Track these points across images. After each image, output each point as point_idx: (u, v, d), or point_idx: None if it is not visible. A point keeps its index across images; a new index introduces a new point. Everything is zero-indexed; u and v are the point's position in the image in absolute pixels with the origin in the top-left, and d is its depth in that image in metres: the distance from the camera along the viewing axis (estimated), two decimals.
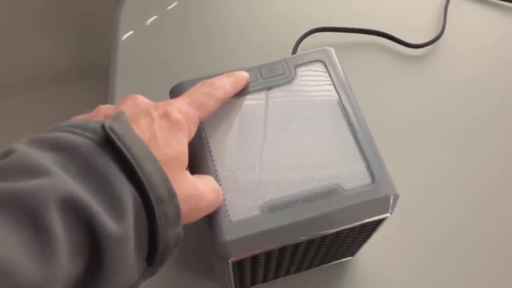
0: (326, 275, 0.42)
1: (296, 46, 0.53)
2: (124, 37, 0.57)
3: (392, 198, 0.29)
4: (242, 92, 0.33)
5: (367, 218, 0.29)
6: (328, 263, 0.41)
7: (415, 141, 0.49)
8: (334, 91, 0.33)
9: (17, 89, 1.24)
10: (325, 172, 0.30)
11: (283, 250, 0.30)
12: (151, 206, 0.23)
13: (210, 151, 0.31)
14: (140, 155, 0.23)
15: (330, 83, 0.33)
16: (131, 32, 0.58)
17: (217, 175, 0.30)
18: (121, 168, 0.23)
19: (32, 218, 0.19)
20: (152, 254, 0.24)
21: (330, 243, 0.32)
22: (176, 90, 0.33)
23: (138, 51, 0.56)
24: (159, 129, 0.26)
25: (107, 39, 0.60)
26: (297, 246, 0.30)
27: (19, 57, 1.19)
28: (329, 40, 0.56)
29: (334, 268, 0.42)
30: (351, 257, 0.42)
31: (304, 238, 0.29)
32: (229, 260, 0.28)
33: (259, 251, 0.28)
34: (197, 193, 0.27)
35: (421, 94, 0.52)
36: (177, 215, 0.24)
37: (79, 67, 1.23)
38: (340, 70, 0.34)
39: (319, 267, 0.41)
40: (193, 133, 0.29)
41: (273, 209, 0.29)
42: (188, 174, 0.27)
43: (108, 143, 0.23)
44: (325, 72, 0.34)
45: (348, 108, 0.32)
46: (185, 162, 0.27)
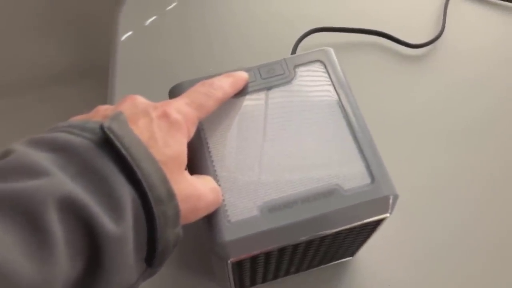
0: (325, 275, 0.42)
1: (296, 46, 0.53)
2: (123, 37, 0.57)
3: (391, 198, 0.29)
4: (241, 92, 0.33)
5: (366, 218, 0.29)
6: (328, 263, 0.41)
7: (415, 141, 0.49)
8: (334, 91, 0.33)
9: (16, 89, 1.24)
10: (324, 172, 0.30)
11: (282, 251, 0.30)
12: (150, 206, 0.23)
13: (209, 151, 0.31)
14: (139, 155, 0.23)
15: (330, 83, 0.33)
16: (130, 33, 0.57)
17: (216, 176, 0.30)
18: (119, 169, 0.23)
19: (30, 218, 0.19)
20: (151, 255, 0.24)
21: (330, 243, 0.32)
22: (175, 90, 0.33)
23: (137, 51, 0.56)
24: (158, 129, 0.26)
25: (107, 39, 0.60)
26: (296, 246, 0.30)
27: (18, 57, 1.19)
28: (328, 40, 0.56)
29: (334, 268, 0.42)
30: (350, 257, 0.42)
31: (304, 238, 0.29)
32: (229, 261, 0.28)
33: (258, 251, 0.28)
34: (196, 194, 0.27)
35: (420, 94, 0.52)
36: (176, 215, 0.24)
37: (78, 67, 1.23)
38: (340, 70, 0.34)
39: (318, 267, 0.41)
40: (192, 133, 0.28)
41: (272, 209, 0.28)
42: (187, 175, 0.27)
43: (107, 144, 0.23)
44: (324, 72, 0.34)
45: (348, 108, 0.32)
46: (184, 162, 0.27)
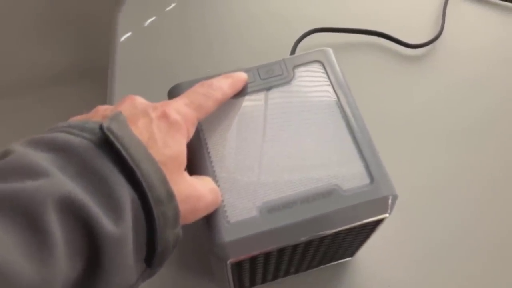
0: (325, 275, 0.42)
1: (295, 47, 0.53)
2: (122, 38, 0.57)
3: (390, 198, 0.29)
4: (240, 93, 0.33)
5: (366, 219, 0.29)
6: (327, 263, 0.41)
7: (414, 141, 0.49)
8: (333, 91, 0.33)
9: (16, 89, 1.24)
10: (323, 173, 0.30)
11: (281, 251, 0.30)
12: (149, 207, 0.23)
13: (209, 152, 0.31)
14: (138, 156, 0.23)
15: (328, 84, 0.33)
16: (129, 34, 0.58)
17: (215, 176, 0.30)
18: (119, 169, 0.23)
19: (30, 219, 0.19)
20: (151, 255, 0.24)
21: (329, 244, 0.32)
22: (174, 91, 0.33)
23: (136, 52, 0.56)
24: (157, 130, 0.26)
25: (106, 40, 0.60)
26: (296, 247, 0.30)
27: (18, 58, 1.19)
28: (327, 40, 0.56)
29: (334, 268, 0.42)
30: (350, 258, 0.42)
31: (303, 239, 0.29)
32: (228, 261, 0.28)
33: (257, 252, 0.28)
34: (195, 194, 0.27)
35: (420, 94, 0.52)
36: (176, 216, 0.24)
37: (78, 68, 1.23)
38: (338, 70, 0.34)
39: (318, 267, 0.41)
40: (192, 134, 0.28)
41: (271, 210, 0.28)
42: (186, 175, 0.27)
43: (106, 144, 0.23)
44: (323, 73, 0.34)
45: (347, 108, 0.32)
46: (184, 163, 0.27)
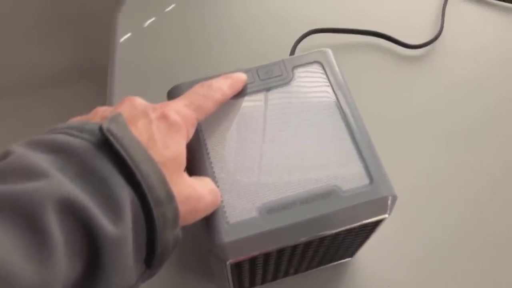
0: (325, 276, 0.42)
1: (294, 48, 0.53)
2: (122, 39, 0.57)
3: (390, 199, 0.29)
4: (239, 94, 0.33)
5: (365, 219, 0.29)
6: (327, 264, 0.41)
7: (414, 141, 0.49)
8: (332, 92, 0.33)
9: (15, 90, 1.24)
10: (323, 173, 0.30)
11: (281, 252, 0.30)
12: (149, 208, 0.23)
13: (208, 152, 0.31)
14: (138, 157, 0.23)
15: (328, 84, 0.33)
16: (129, 34, 0.58)
17: (215, 177, 0.30)
18: (119, 170, 0.23)
19: (29, 220, 0.19)
20: (151, 256, 0.24)
21: (329, 244, 0.32)
22: (173, 92, 0.33)
23: (136, 53, 0.56)
24: (157, 130, 0.26)
25: (105, 41, 0.60)
26: (295, 247, 0.30)
27: (17, 58, 1.19)
28: (327, 41, 0.56)
29: (333, 269, 0.42)
30: (350, 258, 0.42)
31: (302, 239, 0.29)
32: (227, 262, 0.28)
33: (257, 252, 0.28)
34: (195, 195, 0.27)
35: (419, 94, 0.52)
36: (176, 216, 0.24)
37: (77, 68, 1.23)
38: (338, 71, 0.34)
39: (318, 268, 0.41)
40: (191, 134, 0.28)
41: (271, 210, 0.28)
42: (186, 176, 0.27)
43: (106, 145, 0.23)
44: (322, 74, 0.34)
45: (346, 109, 0.32)
46: (183, 163, 0.27)
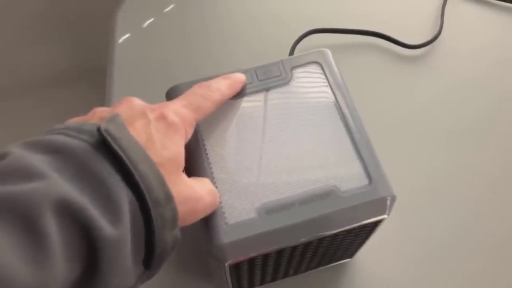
0: (324, 277, 0.42)
1: (293, 48, 0.53)
2: (121, 39, 0.57)
3: (389, 199, 0.29)
4: (238, 94, 0.33)
5: (364, 220, 0.29)
6: (327, 265, 0.41)
7: (413, 141, 0.49)
8: (331, 92, 0.33)
9: (14, 91, 1.24)
10: (321, 174, 0.30)
11: (280, 253, 0.30)
12: (147, 208, 0.23)
13: (207, 153, 0.31)
14: (136, 157, 0.23)
15: (327, 85, 0.33)
16: (128, 35, 0.57)
17: (213, 178, 0.30)
18: (117, 171, 0.23)
19: (26, 222, 0.19)
20: (149, 257, 0.24)
21: (328, 245, 0.32)
22: (172, 92, 0.33)
23: (135, 53, 0.56)
24: (155, 131, 0.26)
25: (104, 41, 0.60)
26: (294, 248, 0.30)
27: (16, 59, 1.19)
28: (326, 41, 0.56)
29: (333, 270, 0.42)
30: (349, 259, 0.41)
31: (301, 240, 0.28)
32: (226, 263, 0.28)
33: (256, 253, 0.28)
34: (194, 196, 0.26)
35: (418, 94, 0.52)
36: (174, 217, 0.24)
37: (76, 69, 1.23)
38: (337, 71, 0.34)
39: (317, 269, 0.41)
40: (190, 135, 0.28)
41: (270, 211, 0.28)
42: (185, 177, 0.27)
43: (104, 146, 0.23)
44: (321, 74, 0.34)
45: (345, 109, 0.32)
46: (182, 164, 0.27)
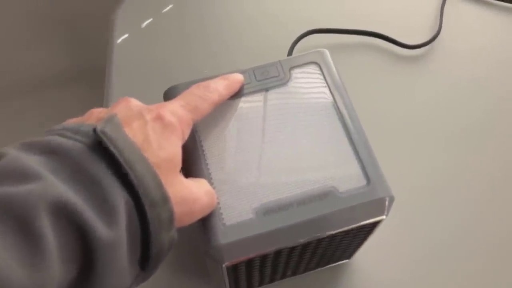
0: (323, 278, 0.42)
1: (292, 48, 0.53)
2: (119, 40, 0.57)
3: (387, 200, 0.29)
4: (236, 95, 0.33)
5: (362, 221, 0.29)
6: (325, 266, 0.41)
7: (412, 142, 0.49)
8: (329, 93, 0.33)
9: (13, 92, 1.24)
10: (320, 175, 0.29)
11: (278, 254, 0.30)
12: (144, 209, 0.23)
13: (204, 153, 0.30)
14: (132, 158, 0.23)
15: (325, 85, 0.33)
16: (126, 35, 0.57)
17: (211, 178, 0.29)
18: (113, 172, 0.22)
19: (22, 223, 0.18)
20: (146, 258, 0.24)
21: (326, 246, 0.32)
22: (169, 93, 0.33)
23: (133, 54, 0.56)
24: (152, 131, 0.26)
25: (103, 41, 0.60)
26: (292, 249, 0.30)
27: (14, 61, 1.19)
28: (324, 41, 0.56)
29: (331, 271, 0.42)
30: (347, 260, 0.41)
31: (300, 241, 0.28)
32: (224, 264, 0.28)
33: (254, 254, 0.28)
34: (191, 196, 0.26)
35: (417, 95, 0.52)
36: (171, 218, 0.24)
37: (75, 69, 1.23)
38: (335, 71, 0.34)
39: (315, 270, 0.41)
40: (187, 135, 0.28)
41: (268, 212, 0.28)
42: (182, 177, 0.27)
43: (100, 147, 0.23)
44: (319, 74, 0.34)
45: (343, 110, 0.32)
46: (179, 164, 0.27)
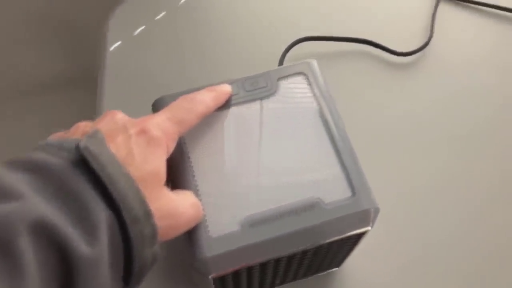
0: (312, 286, 0.42)
1: (284, 56, 0.53)
2: (112, 47, 0.57)
3: (372, 211, 0.29)
4: (224, 106, 0.33)
5: (347, 232, 0.29)
6: (314, 275, 0.41)
7: (403, 149, 0.49)
8: (316, 104, 0.33)
9: (5, 98, 1.24)
10: (305, 186, 0.30)
11: (264, 265, 0.30)
12: (126, 226, 0.23)
13: (191, 165, 0.31)
14: (115, 174, 0.23)
15: (312, 96, 0.33)
16: (119, 42, 0.58)
17: (197, 190, 0.30)
18: (95, 188, 0.23)
19: (1, 243, 0.18)
20: (129, 273, 0.24)
21: (312, 256, 0.32)
22: (157, 104, 0.33)
23: (126, 61, 0.56)
24: (135, 146, 0.26)
25: (96, 49, 0.60)
26: (278, 260, 0.30)
27: (7, 66, 1.19)
28: (317, 49, 0.56)
29: (321, 279, 0.42)
30: (337, 268, 0.41)
31: (285, 253, 0.28)
32: (210, 277, 0.28)
33: (240, 266, 0.28)
34: (176, 210, 0.26)
35: (408, 102, 0.52)
36: (154, 233, 0.24)
37: (70, 75, 1.23)
38: (322, 82, 0.34)
39: (305, 278, 0.41)
40: (172, 149, 0.28)
41: (253, 224, 0.28)
42: (166, 190, 0.27)
43: (84, 163, 0.23)
44: (307, 85, 0.34)
45: (330, 121, 0.32)
46: (163, 178, 0.27)
